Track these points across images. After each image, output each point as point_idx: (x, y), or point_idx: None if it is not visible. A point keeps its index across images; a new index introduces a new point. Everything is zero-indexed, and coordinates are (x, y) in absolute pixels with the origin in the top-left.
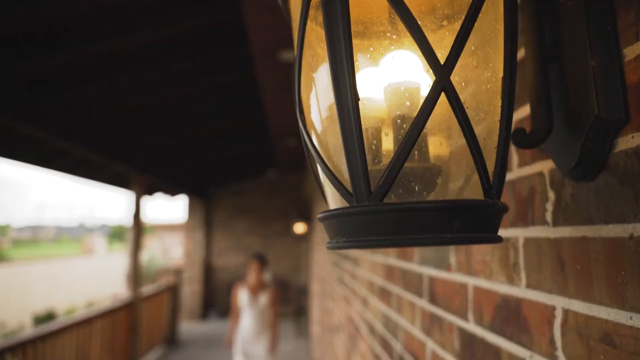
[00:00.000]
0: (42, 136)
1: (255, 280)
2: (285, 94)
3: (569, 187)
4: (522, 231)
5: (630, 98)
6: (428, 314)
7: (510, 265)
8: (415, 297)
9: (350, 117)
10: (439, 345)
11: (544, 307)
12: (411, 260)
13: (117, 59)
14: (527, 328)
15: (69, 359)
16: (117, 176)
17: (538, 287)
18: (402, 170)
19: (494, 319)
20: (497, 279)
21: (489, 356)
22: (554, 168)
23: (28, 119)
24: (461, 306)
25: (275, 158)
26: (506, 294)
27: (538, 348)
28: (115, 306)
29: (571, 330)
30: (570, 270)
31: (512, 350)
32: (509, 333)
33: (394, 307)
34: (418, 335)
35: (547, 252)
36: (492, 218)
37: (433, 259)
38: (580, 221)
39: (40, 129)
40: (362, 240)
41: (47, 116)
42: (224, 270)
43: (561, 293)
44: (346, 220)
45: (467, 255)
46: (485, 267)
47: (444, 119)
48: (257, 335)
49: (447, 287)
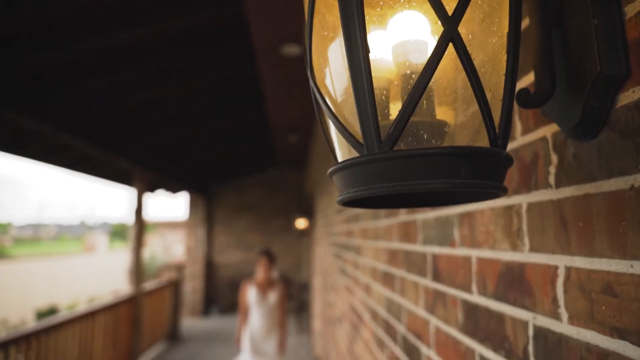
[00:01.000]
0: (45, 131)
1: (263, 277)
2: (286, 89)
3: (571, 148)
4: (525, 197)
5: (631, 54)
6: (432, 292)
7: (514, 231)
8: (419, 277)
9: (362, 69)
10: (442, 320)
11: (546, 268)
12: (414, 242)
13: (119, 54)
14: (530, 291)
15: (71, 353)
16: (119, 172)
17: (541, 249)
18: (411, 119)
19: (497, 286)
20: (501, 247)
21: (492, 323)
22: (556, 131)
23: (31, 114)
24: (465, 279)
25: (276, 155)
26: (509, 261)
27: (541, 308)
28: (118, 300)
29: (573, 287)
30: (573, 229)
31: (515, 315)
32: (512, 298)
33: (397, 291)
34: (421, 314)
35: (550, 214)
36: (498, 167)
37: (436, 237)
38: (582, 179)
39: (44, 124)
40: (373, 187)
41: (50, 111)
42: (225, 267)
43: (564, 252)
44: (357, 170)
45: (471, 228)
46: (489, 237)
47: (451, 70)
48: (266, 333)
49: (451, 263)
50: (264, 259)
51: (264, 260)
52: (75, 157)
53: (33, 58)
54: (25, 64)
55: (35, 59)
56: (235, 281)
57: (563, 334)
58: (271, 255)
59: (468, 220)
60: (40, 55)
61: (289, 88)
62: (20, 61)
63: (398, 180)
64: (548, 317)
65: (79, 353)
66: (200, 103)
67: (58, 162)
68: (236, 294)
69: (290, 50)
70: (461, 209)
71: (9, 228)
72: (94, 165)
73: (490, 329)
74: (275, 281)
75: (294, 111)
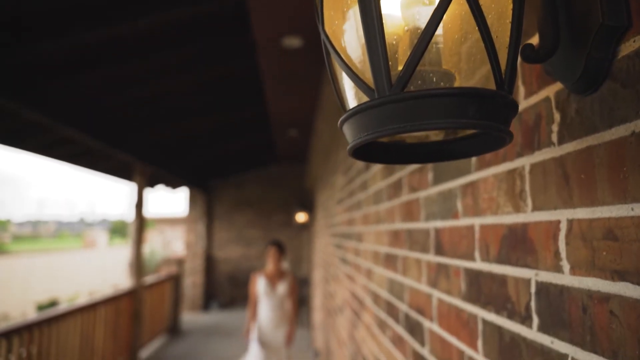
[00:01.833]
0: (46, 122)
1: (273, 268)
2: (287, 83)
3: (573, 104)
4: (528, 159)
5: (632, 4)
6: (434, 266)
7: (517, 194)
8: (421, 254)
9: (373, 14)
10: (445, 292)
11: (548, 225)
12: (417, 219)
13: (118, 46)
14: (532, 249)
15: (73, 344)
16: (119, 166)
17: (543, 207)
18: (420, 65)
19: (500, 250)
20: (504, 210)
21: (495, 287)
22: (559, 90)
23: (32, 105)
24: (468, 248)
25: (276, 150)
26: (512, 223)
27: (543, 264)
28: (119, 293)
29: (575, 238)
30: (575, 182)
31: (518, 274)
32: (515, 259)
33: (399, 271)
34: (424, 289)
35: (553, 171)
36: (504, 109)
37: (439, 212)
38: (584, 133)
39: (44, 115)
40: (384, 129)
41: (50, 103)
42: (225, 262)
43: (566, 206)
44: (369, 114)
45: (474, 197)
46: (492, 204)
47: (460, 15)
48: (275, 325)
49: (454, 234)
50: (274, 249)
51: (273, 251)
52: (75, 150)
53: (33, 49)
54: (25, 55)
55: (35, 49)
56: (235, 276)
57: (565, 286)
58: (281, 246)
59: (471, 190)
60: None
61: (289, 82)
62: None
63: (408, 120)
64: (550, 271)
65: (80, 344)
66: (201, 97)
67: (58, 156)
68: (236, 289)
69: (291, 42)
70: (464, 180)
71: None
72: (94, 159)
73: (492, 293)
74: (285, 272)
75: (294, 105)
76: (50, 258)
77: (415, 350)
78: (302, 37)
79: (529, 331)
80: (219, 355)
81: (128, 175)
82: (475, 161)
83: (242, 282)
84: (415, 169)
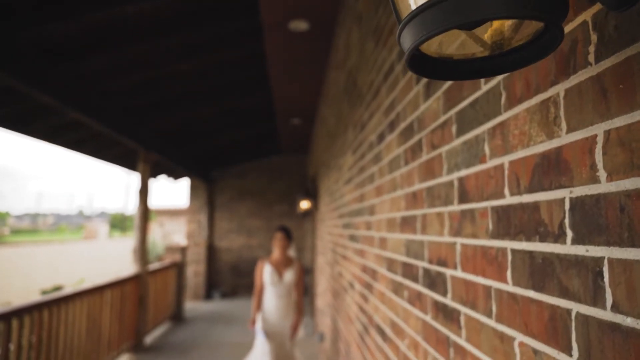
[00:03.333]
0: (54, 104)
1: (280, 255)
2: (292, 68)
3: (612, 21)
4: (562, 85)
5: None
6: (457, 215)
7: (551, 121)
8: (443, 207)
9: None
10: (470, 237)
11: (584, 141)
12: (439, 175)
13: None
14: (566, 168)
15: (80, 327)
16: (124, 154)
17: (578, 127)
18: None
19: (532, 179)
20: (536, 140)
21: (526, 216)
22: (596, 12)
23: (40, 87)
24: (496, 187)
25: (279, 139)
26: (545, 150)
27: (578, 180)
28: (124, 277)
29: (613, 145)
30: (613, 94)
31: (551, 197)
32: (548, 183)
33: (418, 230)
34: (446, 240)
35: (590, 90)
36: (561, 6)
37: (463, 161)
38: (623, 46)
39: (54, 98)
40: (448, 22)
41: (58, 85)
42: (227, 252)
43: (603, 119)
44: (431, 11)
45: (503, 136)
46: (523, 137)
47: None
48: (282, 316)
49: (480, 178)
50: (280, 234)
51: (280, 236)
52: (80, 136)
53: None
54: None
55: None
56: (237, 266)
57: (601, 194)
58: (288, 232)
59: (500, 130)
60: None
61: (295, 67)
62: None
63: (471, 13)
64: (586, 184)
65: (87, 327)
66: (205, 82)
67: (63, 142)
68: (238, 279)
69: (297, 26)
70: (492, 123)
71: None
72: (99, 146)
73: (523, 222)
74: (292, 259)
75: (298, 92)
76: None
77: (435, 301)
78: (309, 20)
79: (562, 247)
80: (222, 341)
81: (132, 163)
82: (505, 101)
83: (244, 271)
84: (437, 125)
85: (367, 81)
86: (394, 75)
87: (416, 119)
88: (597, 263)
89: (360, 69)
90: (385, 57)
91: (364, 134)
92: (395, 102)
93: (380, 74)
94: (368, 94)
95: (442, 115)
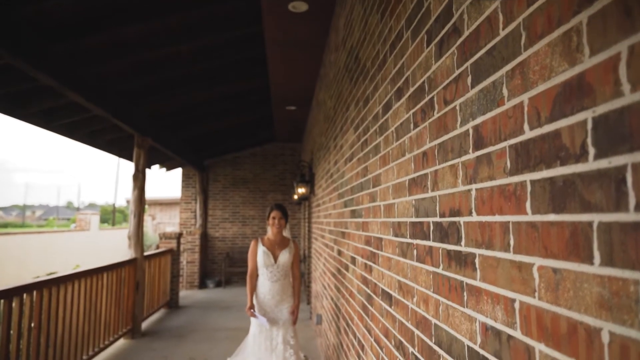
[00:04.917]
0: (51, 83)
1: (276, 235)
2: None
3: None
4: (586, 13)
5: None
6: (473, 162)
7: (573, 49)
8: (457, 159)
9: None
10: (486, 180)
11: (608, 60)
12: (453, 128)
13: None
14: (589, 90)
15: (78, 308)
16: (117, 140)
17: (602, 49)
18: None
19: (553, 109)
20: (558, 70)
21: (546, 145)
22: None
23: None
24: (515, 125)
25: (274, 126)
26: (567, 79)
27: (601, 98)
28: (121, 261)
29: (637, 57)
30: (636, 10)
31: (572, 121)
32: (569, 109)
33: (428, 188)
34: (460, 190)
35: (614, 12)
36: None
37: (479, 109)
38: None
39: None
40: None
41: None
42: (221, 240)
43: (626, 35)
44: None
45: (523, 74)
46: (545, 71)
47: None
48: (279, 301)
49: (497, 122)
50: (276, 212)
51: (276, 213)
52: (74, 121)
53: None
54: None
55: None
56: (232, 255)
57: (625, 105)
58: (284, 210)
59: (519, 69)
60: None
61: (293, 49)
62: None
63: None
64: (609, 100)
65: (85, 309)
66: (202, 66)
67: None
68: (232, 267)
69: (297, 6)
70: (510, 65)
71: None
72: (93, 131)
73: (543, 152)
74: (288, 240)
75: (295, 76)
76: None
77: (448, 251)
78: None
79: (584, 165)
80: (217, 326)
81: (125, 151)
82: (525, 40)
83: (238, 260)
84: (450, 81)
85: (372, 55)
86: (402, 42)
87: (427, 79)
88: (619, 171)
89: (363, 45)
90: (393, 26)
91: (367, 108)
92: (403, 68)
93: (387, 45)
94: (373, 67)
95: (456, 69)
